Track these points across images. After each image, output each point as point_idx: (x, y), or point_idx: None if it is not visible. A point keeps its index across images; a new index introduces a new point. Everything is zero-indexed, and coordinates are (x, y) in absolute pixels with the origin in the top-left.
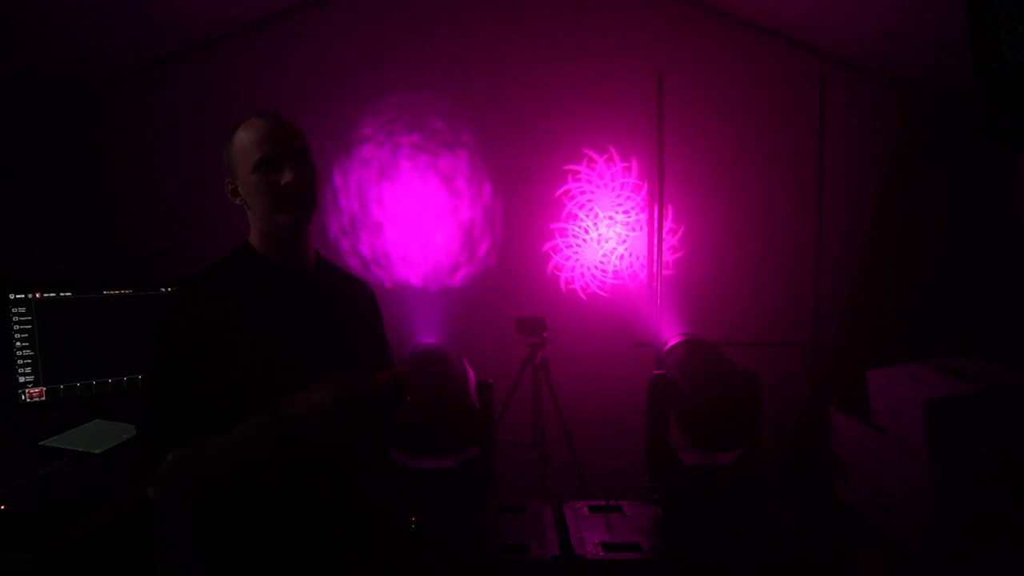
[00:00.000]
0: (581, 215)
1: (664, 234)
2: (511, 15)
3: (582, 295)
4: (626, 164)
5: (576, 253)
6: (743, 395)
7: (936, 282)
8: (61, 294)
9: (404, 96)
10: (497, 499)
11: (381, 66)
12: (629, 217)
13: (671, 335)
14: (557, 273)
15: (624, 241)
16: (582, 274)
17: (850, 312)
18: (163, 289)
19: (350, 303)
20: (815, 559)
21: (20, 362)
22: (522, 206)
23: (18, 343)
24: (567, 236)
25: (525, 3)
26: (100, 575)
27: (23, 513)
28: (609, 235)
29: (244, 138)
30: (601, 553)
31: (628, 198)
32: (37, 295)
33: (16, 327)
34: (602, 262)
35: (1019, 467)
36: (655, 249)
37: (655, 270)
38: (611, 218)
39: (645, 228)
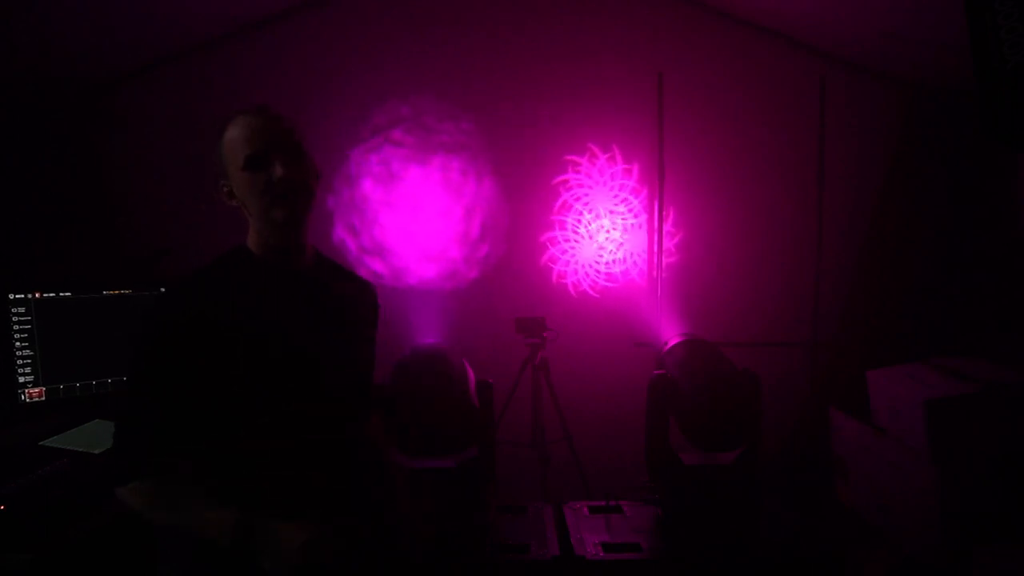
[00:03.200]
0: (580, 214)
1: (664, 234)
2: (511, 15)
3: (580, 293)
4: (626, 164)
5: (575, 252)
6: (743, 395)
7: (936, 282)
8: (61, 294)
9: (404, 96)
10: (497, 499)
11: (381, 66)
12: (628, 216)
13: (671, 335)
14: (561, 277)
15: (623, 240)
16: (582, 273)
17: (850, 312)
18: (163, 289)
19: (349, 304)
20: (815, 559)
21: (20, 362)
22: (523, 205)
23: (18, 343)
24: (566, 235)
25: (525, 3)
26: (100, 575)
27: (23, 513)
28: (608, 234)
29: (233, 136)
30: (601, 553)
31: (627, 197)
32: (37, 295)
33: (16, 327)
34: (599, 260)
35: (1019, 467)
36: (655, 249)
37: (655, 270)
38: (609, 217)
39: (644, 227)
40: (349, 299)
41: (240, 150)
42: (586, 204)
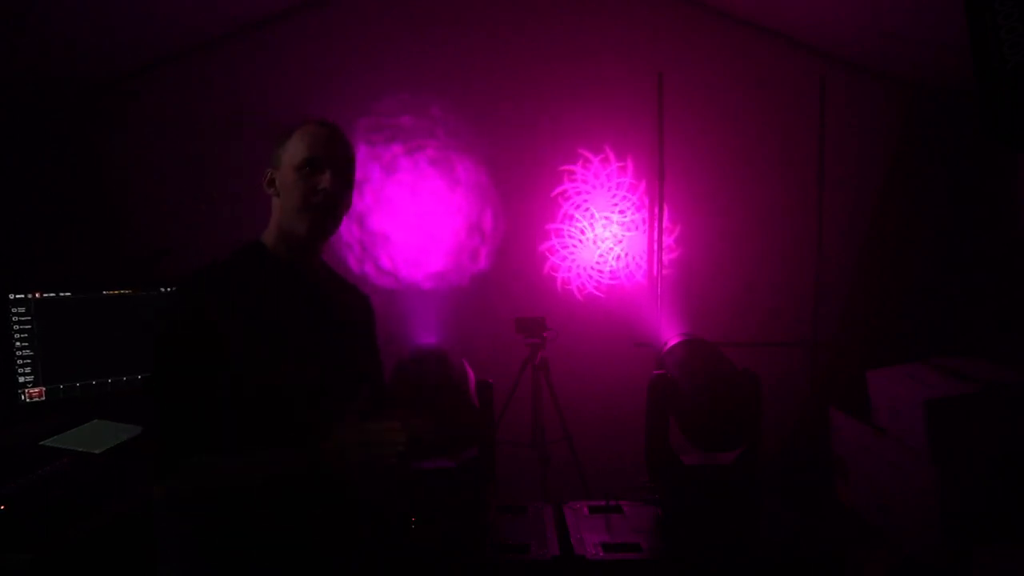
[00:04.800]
0: (580, 209)
1: (664, 234)
2: (511, 15)
3: (580, 293)
4: (626, 165)
5: (575, 252)
6: (743, 395)
7: (936, 282)
8: (61, 294)
9: (404, 96)
10: (497, 499)
11: (381, 66)
12: (627, 217)
13: (671, 335)
14: (554, 273)
15: (623, 240)
16: (579, 275)
17: (850, 312)
18: (163, 289)
19: (348, 309)
20: (815, 559)
21: (20, 362)
22: (522, 206)
23: (18, 343)
24: (569, 232)
25: (525, 3)
26: (100, 575)
27: (23, 513)
28: (607, 235)
29: (298, 140)
30: (601, 553)
31: (626, 198)
32: (37, 295)
33: (16, 327)
34: (599, 262)
35: (1019, 467)
36: (655, 249)
37: (655, 270)
38: (609, 218)
39: (644, 227)
40: (349, 305)
41: (299, 151)
42: (586, 203)
